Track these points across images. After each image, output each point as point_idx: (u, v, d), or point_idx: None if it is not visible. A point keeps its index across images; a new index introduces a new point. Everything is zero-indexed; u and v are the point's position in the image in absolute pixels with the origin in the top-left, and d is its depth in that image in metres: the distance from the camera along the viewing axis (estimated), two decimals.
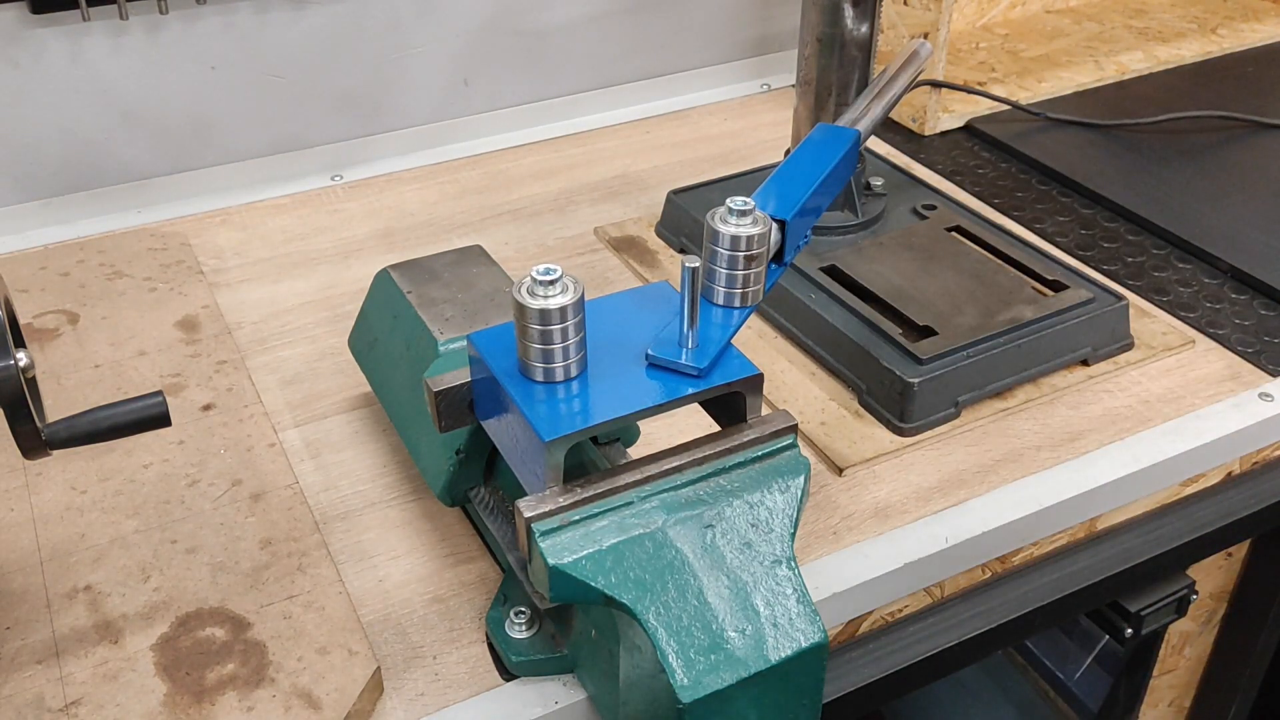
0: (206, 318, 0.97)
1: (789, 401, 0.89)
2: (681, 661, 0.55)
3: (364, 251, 1.09)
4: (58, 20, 1.06)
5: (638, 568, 0.57)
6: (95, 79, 1.10)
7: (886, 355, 0.87)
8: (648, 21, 1.35)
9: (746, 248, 0.64)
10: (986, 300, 0.92)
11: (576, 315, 0.59)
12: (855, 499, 0.82)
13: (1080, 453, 0.86)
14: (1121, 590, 0.90)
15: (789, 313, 0.95)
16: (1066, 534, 0.85)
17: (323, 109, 1.21)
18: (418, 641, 0.71)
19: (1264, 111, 1.31)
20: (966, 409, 0.88)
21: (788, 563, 0.59)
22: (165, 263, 1.05)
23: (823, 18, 0.95)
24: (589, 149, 1.28)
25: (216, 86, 1.15)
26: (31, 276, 1.02)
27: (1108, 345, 0.93)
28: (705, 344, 0.62)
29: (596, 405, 0.59)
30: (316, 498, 0.81)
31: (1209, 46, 1.49)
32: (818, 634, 0.57)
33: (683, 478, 0.60)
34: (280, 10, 1.14)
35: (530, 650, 0.68)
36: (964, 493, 0.82)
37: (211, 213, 1.15)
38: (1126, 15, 1.59)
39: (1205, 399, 0.90)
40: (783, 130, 1.31)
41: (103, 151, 1.14)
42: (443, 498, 0.74)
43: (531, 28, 1.28)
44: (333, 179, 1.21)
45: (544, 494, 0.58)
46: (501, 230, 1.13)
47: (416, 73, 1.24)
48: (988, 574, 0.83)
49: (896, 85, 0.87)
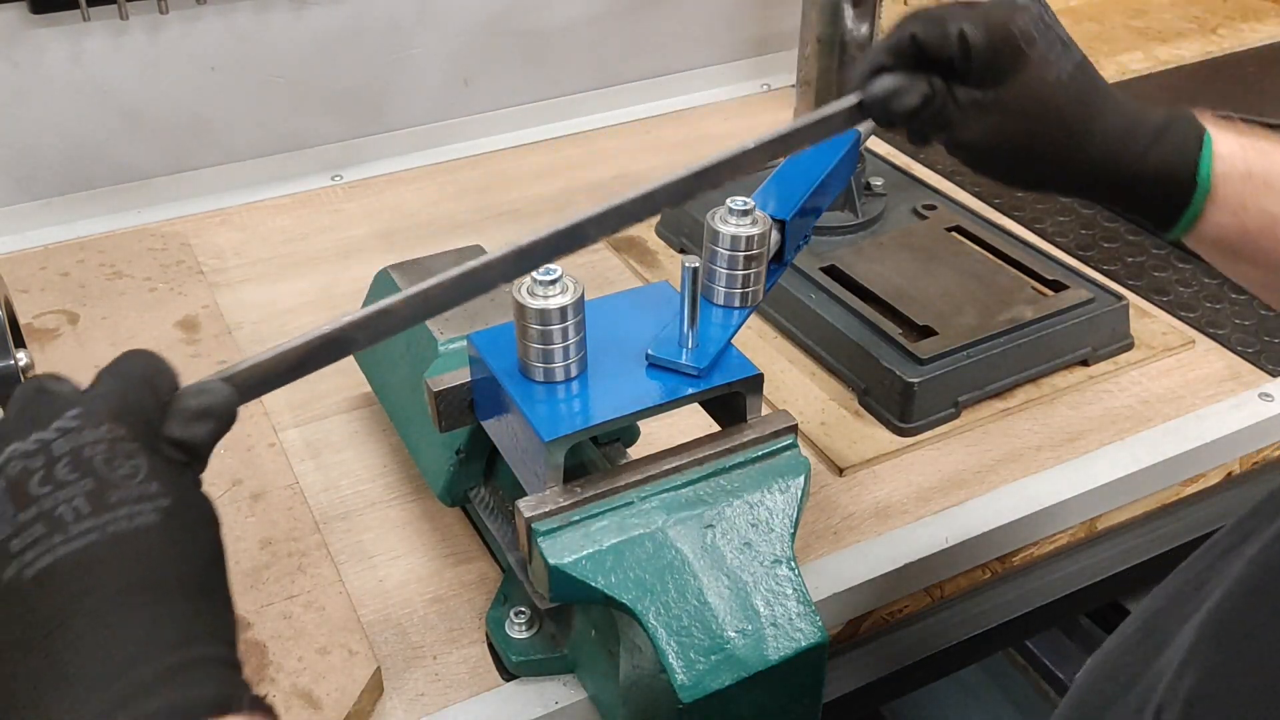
0: (206, 318, 0.97)
1: (789, 401, 0.89)
2: (681, 661, 0.55)
3: (364, 251, 1.09)
4: (58, 20, 1.06)
5: (638, 568, 0.57)
6: (95, 79, 1.10)
7: (886, 355, 0.87)
8: (648, 21, 1.35)
9: (746, 248, 0.64)
10: (986, 300, 0.92)
11: (576, 315, 0.59)
12: (855, 499, 0.82)
13: (1080, 453, 0.86)
14: (1121, 590, 0.90)
15: (789, 313, 0.95)
16: (1066, 534, 0.85)
17: (323, 109, 1.21)
18: (418, 641, 0.71)
19: (1264, 111, 1.30)
20: (967, 409, 0.88)
21: (788, 563, 0.59)
22: (165, 263, 1.05)
23: (823, 18, 0.95)
24: (589, 149, 1.28)
25: (216, 86, 1.15)
26: (31, 276, 1.02)
27: (1108, 345, 0.93)
28: (705, 344, 0.62)
29: (596, 405, 0.59)
30: (316, 498, 0.81)
31: (1209, 46, 1.49)
32: (818, 634, 0.57)
33: (683, 478, 0.60)
34: (280, 10, 1.14)
35: (530, 650, 0.68)
36: (964, 493, 0.82)
37: (211, 213, 1.15)
38: (1126, 15, 1.59)
39: (1205, 399, 0.90)
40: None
41: (103, 151, 1.14)
42: (443, 498, 0.74)
43: (531, 28, 1.28)
44: (333, 179, 1.21)
45: (544, 494, 0.58)
46: (501, 230, 1.12)
47: (416, 73, 1.24)
48: (988, 574, 0.83)
49: None
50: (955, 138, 0.61)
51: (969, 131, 0.60)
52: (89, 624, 0.35)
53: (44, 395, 0.40)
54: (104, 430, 0.38)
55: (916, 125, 0.61)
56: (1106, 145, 0.60)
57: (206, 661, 0.37)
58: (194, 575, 0.38)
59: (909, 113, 0.59)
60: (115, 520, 0.37)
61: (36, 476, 0.37)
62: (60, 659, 0.35)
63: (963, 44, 0.58)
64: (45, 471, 0.37)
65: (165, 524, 0.38)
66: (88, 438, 0.38)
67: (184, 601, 0.37)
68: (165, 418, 0.41)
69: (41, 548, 0.36)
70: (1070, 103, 0.59)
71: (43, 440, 0.38)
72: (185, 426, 0.41)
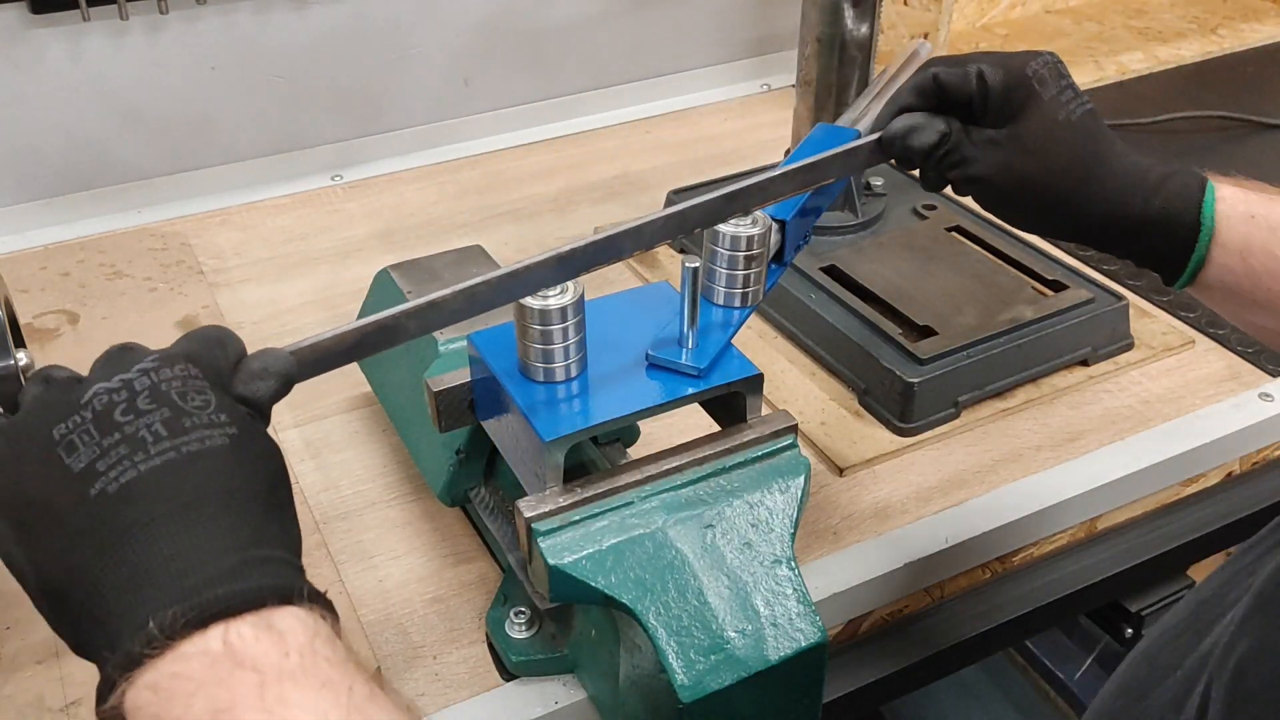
0: (207, 318, 0.97)
1: (789, 401, 0.89)
2: (681, 661, 0.55)
3: (364, 251, 1.09)
4: (58, 20, 1.06)
5: (638, 568, 0.57)
6: (95, 79, 1.10)
7: (887, 355, 0.87)
8: (648, 21, 1.35)
9: (746, 248, 0.64)
10: (986, 300, 0.92)
11: (576, 315, 0.59)
12: (855, 499, 0.82)
13: (1080, 453, 0.86)
14: (1121, 590, 0.90)
15: (789, 313, 0.95)
16: (1066, 534, 0.85)
17: (323, 109, 1.21)
18: (418, 641, 0.71)
19: (1264, 111, 1.31)
20: (967, 409, 0.88)
21: (788, 563, 0.59)
22: (165, 263, 1.05)
23: (823, 18, 0.95)
24: (589, 149, 1.28)
25: (216, 86, 1.15)
26: (31, 276, 1.02)
27: (1108, 345, 0.93)
28: (705, 344, 0.62)
29: (596, 405, 0.59)
30: (316, 498, 0.81)
31: (1209, 46, 1.49)
32: (818, 634, 0.57)
33: (683, 478, 0.60)
34: (280, 10, 1.14)
35: (530, 650, 0.68)
36: (964, 493, 0.82)
37: (211, 213, 1.15)
38: (1126, 15, 1.59)
39: (1205, 399, 0.90)
40: (783, 130, 1.31)
41: (103, 151, 1.14)
42: (443, 498, 0.74)
43: (531, 28, 1.28)
44: (333, 179, 1.21)
45: (544, 494, 0.58)
46: (501, 230, 1.12)
47: (416, 73, 1.24)
48: (988, 574, 0.83)
49: (896, 85, 0.87)
50: (967, 173, 0.64)
51: (981, 166, 0.63)
52: (165, 528, 0.40)
53: (127, 348, 0.45)
54: (179, 369, 0.43)
55: (933, 163, 0.65)
56: (1113, 188, 0.62)
57: (270, 560, 0.41)
58: (260, 492, 0.43)
59: (926, 149, 0.64)
60: (189, 441, 0.42)
61: (120, 408, 0.42)
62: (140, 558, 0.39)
63: (981, 83, 0.62)
64: (128, 404, 0.42)
65: (234, 447, 0.42)
66: (165, 375, 0.43)
67: (251, 512, 0.42)
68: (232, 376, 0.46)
69: (124, 466, 0.41)
70: (1079, 143, 0.62)
71: (125, 379, 0.42)
72: (248, 383, 0.46)
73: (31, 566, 0.42)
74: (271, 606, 0.40)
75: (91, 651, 0.41)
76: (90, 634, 0.40)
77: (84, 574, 0.40)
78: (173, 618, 0.38)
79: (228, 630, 0.38)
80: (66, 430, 0.41)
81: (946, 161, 0.64)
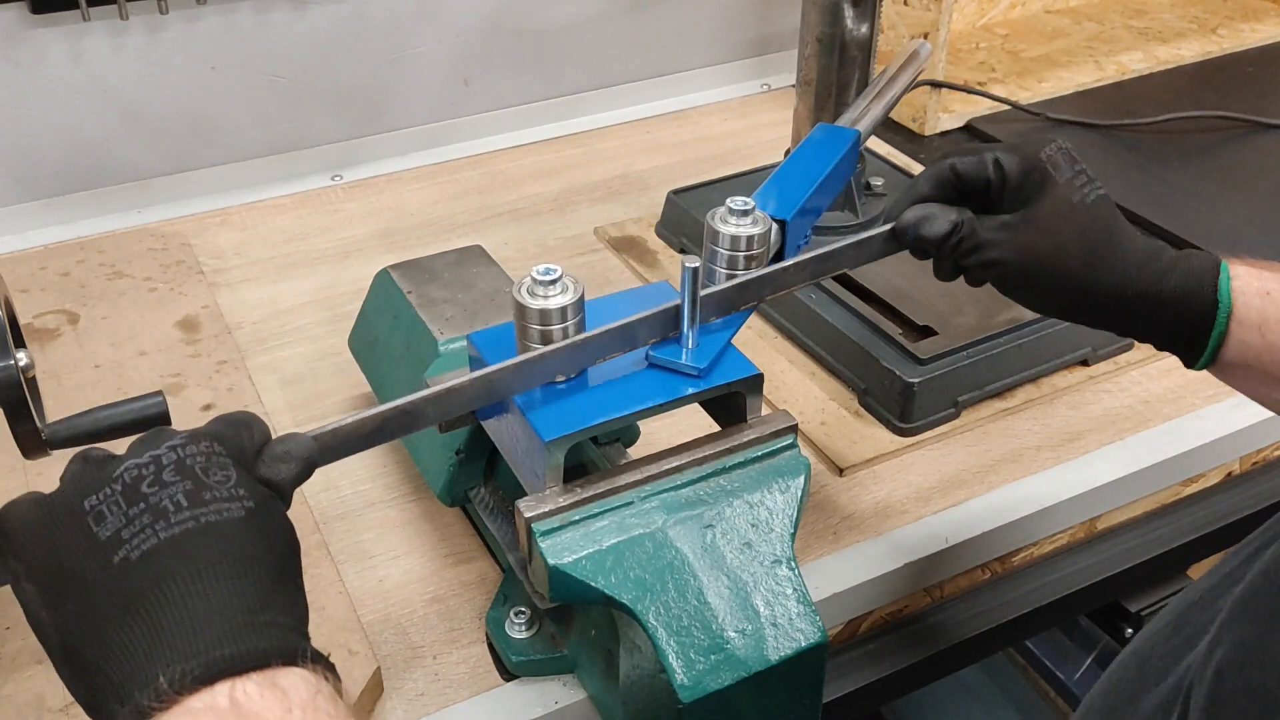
0: (206, 318, 0.97)
1: (789, 401, 0.89)
2: (681, 661, 0.55)
3: (364, 251, 1.09)
4: (58, 20, 1.06)
5: (638, 568, 0.57)
6: (95, 79, 1.10)
7: (886, 355, 0.87)
8: (648, 21, 1.35)
9: (746, 248, 0.64)
10: (986, 300, 0.92)
11: (576, 315, 0.59)
12: (855, 499, 0.82)
13: (1080, 453, 0.86)
14: (1121, 590, 0.90)
15: (789, 313, 0.95)
16: (1066, 534, 0.85)
17: (323, 109, 1.21)
18: (418, 641, 0.71)
19: (1264, 111, 1.31)
20: (966, 409, 0.88)
21: (788, 563, 0.59)
22: (165, 263, 1.05)
23: (823, 18, 0.95)
24: (589, 149, 1.28)
25: (216, 86, 1.15)
26: (31, 276, 1.02)
27: (1108, 345, 0.93)
28: (705, 344, 0.62)
29: (596, 405, 0.59)
30: (316, 498, 0.81)
31: (1209, 46, 1.49)
32: (818, 634, 0.57)
33: (683, 478, 0.60)
34: (280, 10, 1.14)
35: (530, 650, 0.68)
36: (964, 493, 0.82)
37: (211, 213, 1.15)
38: (1126, 15, 1.59)
39: (1205, 399, 0.90)
40: (783, 130, 1.31)
41: (103, 151, 1.14)
42: (443, 498, 0.74)
43: (531, 28, 1.28)
44: (333, 179, 1.21)
45: (544, 494, 0.58)
46: (501, 230, 1.12)
47: (416, 73, 1.24)
48: (988, 574, 0.83)
49: (896, 85, 0.87)
50: (982, 258, 0.64)
51: (996, 250, 0.63)
52: (180, 591, 0.42)
53: (161, 430, 0.48)
54: (204, 445, 0.46)
55: (946, 252, 0.65)
56: (1127, 265, 0.63)
57: (275, 625, 0.43)
58: (272, 563, 0.45)
59: (939, 239, 0.64)
60: (208, 513, 0.44)
61: (147, 480, 0.44)
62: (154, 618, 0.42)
63: (998, 170, 0.63)
64: (154, 476, 0.45)
65: (250, 519, 0.45)
66: (190, 450, 0.46)
67: (260, 580, 0.44)
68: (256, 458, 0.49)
69: (147, 534, 0.43)
70: (1092, 225, 0.63)
71: (155, 455, 0.45)
72: (271, 465, 0.49)
73: (55, 628, 0.44)
74: (276, 666, 0.41)
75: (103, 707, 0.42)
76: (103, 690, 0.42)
77: (102, 633, 0.42)
78: (181, 674, 0.40)
79: (234, 687, 0.40)
80: (97, 501, 0.44)
81: (960, 250, 0.65)
